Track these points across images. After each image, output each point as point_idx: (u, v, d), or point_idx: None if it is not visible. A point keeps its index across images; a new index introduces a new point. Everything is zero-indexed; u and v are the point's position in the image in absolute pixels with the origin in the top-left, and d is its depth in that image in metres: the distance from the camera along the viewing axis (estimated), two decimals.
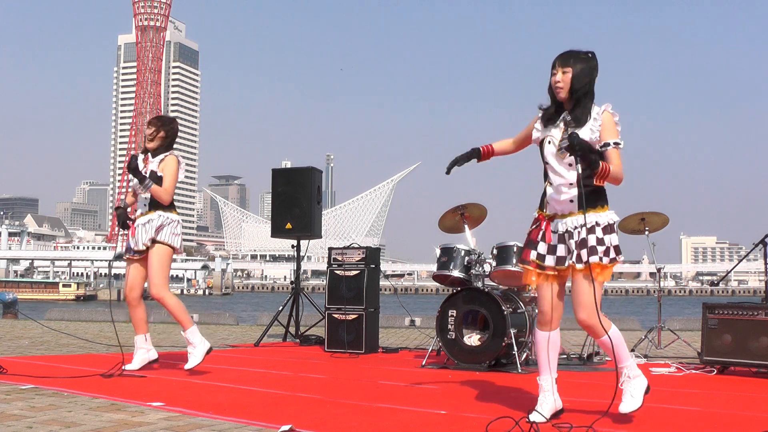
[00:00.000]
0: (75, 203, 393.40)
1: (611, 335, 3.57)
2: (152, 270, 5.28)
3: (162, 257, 5.29)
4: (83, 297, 70.61)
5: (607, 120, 3.57)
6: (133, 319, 5.50)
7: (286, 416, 3.67)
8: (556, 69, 3.61)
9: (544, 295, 3.70)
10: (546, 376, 3.71)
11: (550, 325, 3.70)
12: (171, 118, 5.63)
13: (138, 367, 5.37)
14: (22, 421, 3.45)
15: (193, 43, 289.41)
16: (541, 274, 3.68)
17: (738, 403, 4.50)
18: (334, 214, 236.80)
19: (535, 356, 3.86)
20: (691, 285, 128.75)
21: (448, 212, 6.52)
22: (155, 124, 5.45)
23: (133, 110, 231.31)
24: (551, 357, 3.71)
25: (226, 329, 11.00)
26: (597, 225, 3.56)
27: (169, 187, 5.32)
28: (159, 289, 5.27)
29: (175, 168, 5.35)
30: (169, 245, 5.32)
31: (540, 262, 3.67)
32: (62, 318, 13.78)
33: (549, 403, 3.67)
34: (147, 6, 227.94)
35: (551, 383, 3.70)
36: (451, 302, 6.07)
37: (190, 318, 5.41)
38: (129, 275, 5.47)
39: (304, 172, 8.30)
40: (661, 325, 7.13)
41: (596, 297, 3.53)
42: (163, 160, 5.35)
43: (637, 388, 3.60)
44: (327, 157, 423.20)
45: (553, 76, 3.62)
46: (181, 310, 5.34)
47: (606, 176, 3.51)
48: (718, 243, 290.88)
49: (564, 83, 3.58)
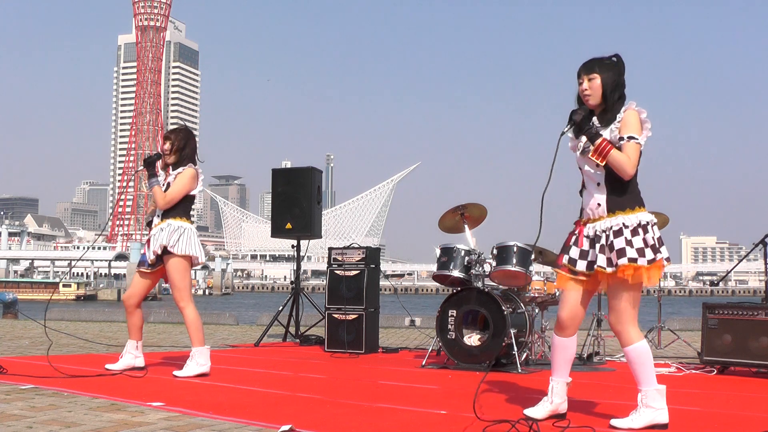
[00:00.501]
0: (75, 203, 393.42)
1: (632, 349, 3.49)
2: (174, 281, 5.25)
3: (179, 269, 5.24)
4: (83, 297, 70.61)
5: (627, 117, 3.54)
6: (129, 324, 5.49)
7: (286, 416, 3.67)
8: (582, 78, 3.62)
9: (566, 300, 3.66)
10: (555, 378, 3.69)
11: (565, 332, 3.66)
12: (187, 131, 5.50)
13: (120, 368, 5.34)
14: (22, 421, 3.45)
15: (193, 43, 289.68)
16: (571, 278, 3.64)
17: (738, 403, 4.50)
18: (334, 214, 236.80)
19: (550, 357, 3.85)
20: (691, 285, 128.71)
21: (448, 212, 6.52)
22: (171, 138, 5.37)
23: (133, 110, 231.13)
24: (561, 360, 3.68)
25: (226, 329, 11.00)
26: (624, 227, 3.49)
27: (170, 195, 5.25)
28: (183, 298, 5.26)
29: (187, 179, 5.27)
30: (183, 256, 5.23)
31: (572, 266, 3.63)
32: (62, 318, 13.78)
33: (546, 405, 3.65)
34: (147, 6, 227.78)
35: (557, 386, 3.67)
36: (451, 302, 6.07)
37: (203, 338, 5.31)
38: (134, 282, 5.44)
39: (304, 172, 8.30)
40: (661, 325, 7.13)
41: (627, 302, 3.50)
42: (182, 171, 5.31)
43: (643, 417, 3.43)
44: (327, 157, 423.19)
45: (579, 85, 3.64)
46: (197, 327, 5.27)
47: (605, 154, 3.47)
48: (718, 243, 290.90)
49: (592, 90, 3.59)
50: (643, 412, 3.44)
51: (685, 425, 3.67)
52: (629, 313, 3.52)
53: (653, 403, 3.44)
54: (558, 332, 3.68)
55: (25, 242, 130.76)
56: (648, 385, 3.46)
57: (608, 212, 3.54)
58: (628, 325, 3.51)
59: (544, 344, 6.40)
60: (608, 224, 3.52)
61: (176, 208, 5.32)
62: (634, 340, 3.49)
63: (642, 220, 3.51)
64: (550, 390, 3.68)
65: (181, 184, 5.28)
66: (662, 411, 3.45)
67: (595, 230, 3.57)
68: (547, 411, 3.63)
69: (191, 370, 5.18)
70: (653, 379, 3.48)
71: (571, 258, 3.63)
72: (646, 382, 3.47)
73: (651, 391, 3.45)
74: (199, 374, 5.19)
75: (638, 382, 3.49)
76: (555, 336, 3.70)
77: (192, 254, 5.28)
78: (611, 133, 3.54)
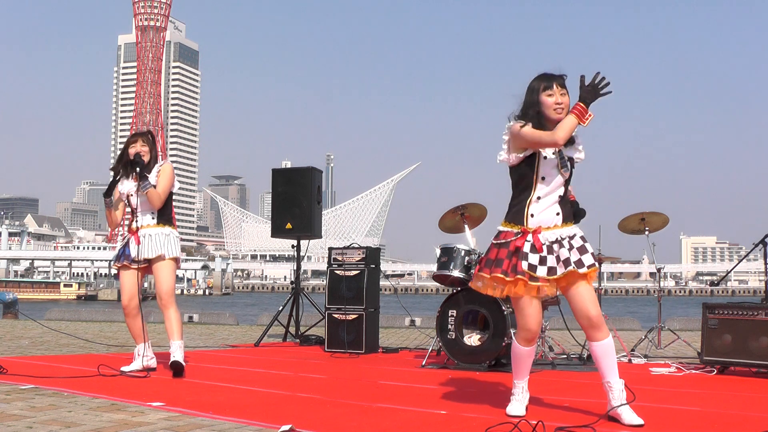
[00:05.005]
0: (75, 203, 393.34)
1: (607, 343, 3.64)
2: (164, 281, 5.31)
3: (170, 270, 5.33)
4: (84, 297, 70.65)
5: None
6: (133, 330, 5.44)
7: (286, 416, 3.67)
8: (554, 90, 3.63)
9: (531, 313, 3.71)
10: (523, 380, 3.85)
11: (532, 341, 3.79)
12: (147, 131, 5.64)
13: (137, 368, 5.34)
14: (22, 421, 3.45)
15: (193, 43, 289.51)
16: (530, 286, 3.63)
17: (738, 403, 4.50)
18: (334, 214, 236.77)
19: (513, 364, 3.94)
20: (691, 285, 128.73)
21: (448, 212, 6.53)
22: (143, 139, 5.39)
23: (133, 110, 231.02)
24: (527, 365, 3.86)
25: (226, 329, 11.00)
26: (577, 234, 3.69)
27: (163, 192, 5.33)
28: (170, 298, 5.31)
29: (170, 175, 5.38)
30: (174, 258, 5.34)
31: (531, 272, 3.62)
32: (62, 318, 13.79)
33: (524, 403, 3.83)
34: (147, 6, 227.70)
35: (526, 385, 3.87)
36: (451, 302, 6.07)
37: (180, 333, 5.32)
38: (127, 283, 5.38)
39: (304, 172, 8.30)
40: (661, 325, 7.12)
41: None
42: (160, 169, 5.36)
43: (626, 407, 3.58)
44: (327, 157, 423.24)
45: (549, 97, 3.63)
46: (178, 325, 5.33)
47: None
48: (718, 243, 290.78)
49: (565, 106, 3.63)
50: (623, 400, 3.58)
51: (685, 425, 3.67)
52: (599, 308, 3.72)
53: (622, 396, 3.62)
54: (526, 344, 3.79)
55: (25, 242, 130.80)
56: (617, 375, 3.63)
57: (563, 222, 3.68)
58: (602, 319, 3.68)
59: (544, 344, 6.40)
60: (568, 232, 3.67)
61: (165, 212, 5.41)
62: (608, 335, 3.66)
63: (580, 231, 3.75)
64: (521, 390, 3.83)
65: (167, 178, 5.35)
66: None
67: (557, 237, 3.64)
68: (525, 408, 3.81)
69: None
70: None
71: (531, 264, 3.63)
72: (616, 373, 3.63)
73: (621, 382, 3.62)
74: (176, 367, 5.14)
75: (611, 374, 3.61)
76: (522, 347, 3.80)
77: (180, 256, 5.42)
78: (578, 153, 3.72)
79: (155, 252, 5.28)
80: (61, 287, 72.98)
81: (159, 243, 5.29)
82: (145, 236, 5.30)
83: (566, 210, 3.71)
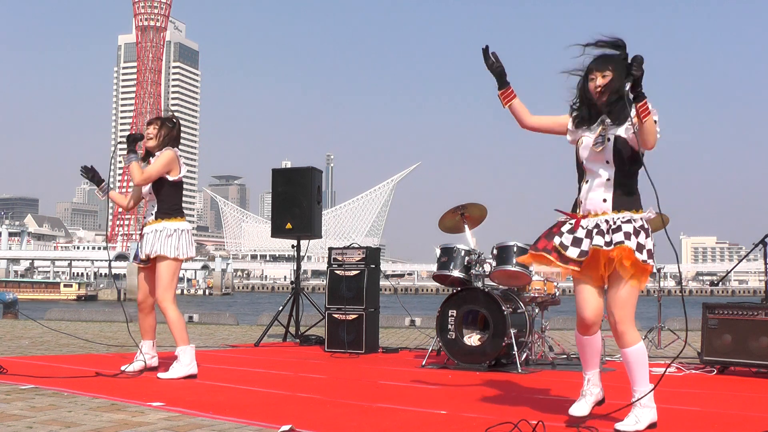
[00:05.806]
0: (75, 203, 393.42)
1: (634, 350, 3.46)
2: (159, 280, 5.23)
3: (167, 269, 5.20)
4: (84, 297, 70.64)
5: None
6: (143, 325, 5.45)
7: (286, 416, 3.67)
8: (594, 74, 3.54)
9: (582, 299, 3.56)
10: (589, 372, 3.68)
11: (590, 330, 3.59)
12: (172, 120, 5.45)
13: (137, 369, 5.33)
14: (22, 421, 3.45)
15: (193, 43, 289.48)
16: (556, 265, 3.54)
17: (738, 403, 4.50)
18: (334, 214, 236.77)
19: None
20: (691, 285, 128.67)
21: (448, 212, 6.53)
22: (156, 124, 5.36)
23: (133, 110, 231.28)
24: (591, 354, 3.65)
25: (226, 329, 11.00)
26: (633, 221, 3.45)
27: (149, 171, 5.19)
28: (163, 299, 5.20)
29: (165, 159, 5.22)
30: (175, 258, 5.22)
31: (562, 250, 3.51)
32: (62, 318, 13.79)
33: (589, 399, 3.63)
34: (147, 6, 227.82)
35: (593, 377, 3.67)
36: (451, 302, 6.07)
37: (187, 336, 5.26)
38: (141, 282, 5.41)
39: (304, 172, 8.30)
40: (661, 325, 7.13)
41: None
42: (160, 154, 5.27)
43: (646, 417, 3.43)
44: (327, 157, 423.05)
45: (591, 81, 3.55)
46: (180, 327, 5.23)
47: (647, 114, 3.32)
48: (718, 243, 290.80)
49: (605, 88, 3.52)
50: (645, 412, 3.43)
51: (685, 425, 3.67)
52: (630, 310, 3.48)
53: (650, 402, 3.46)
54: (584, 332, 3.61)
55: (25, 242, 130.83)
56: (646, 385, 3.46)
57: (614, 209, 3.48)
58: (629, 325, 3.48)
59: (544, 344, 6.40)
60: (613, 218, 3.47)
61: (168, 204, 5.27)
62: (636, 341, 3.48)
63: (645, 225, 3.48)
64: (587, 383, 3.65)
65: (160, 162, 5.21)
66: (655, 410, 3.48)
67: (596, 223, 3.49)
68: (590, 405, 3.62)
69: (177, 372, 5.10)
70: (648, 379, 3.49)
71: (563, 243, 3.52)
72: (645, 382, 3.47)
73: (646, 390, 3.45)
74: (186, 376, 5.10)
75: (636, 382, 3.47)
76: (581, 336, 3.63)
77: (183, 257, 5.27)
78: (626, 132, 3.48)
79: (147, 252, 5.23)
80: (61, 287, 72.94)
81: (150, 242, 5.22)
82: (145, 235, 5.30)
83: (618, 197, 3.48)
